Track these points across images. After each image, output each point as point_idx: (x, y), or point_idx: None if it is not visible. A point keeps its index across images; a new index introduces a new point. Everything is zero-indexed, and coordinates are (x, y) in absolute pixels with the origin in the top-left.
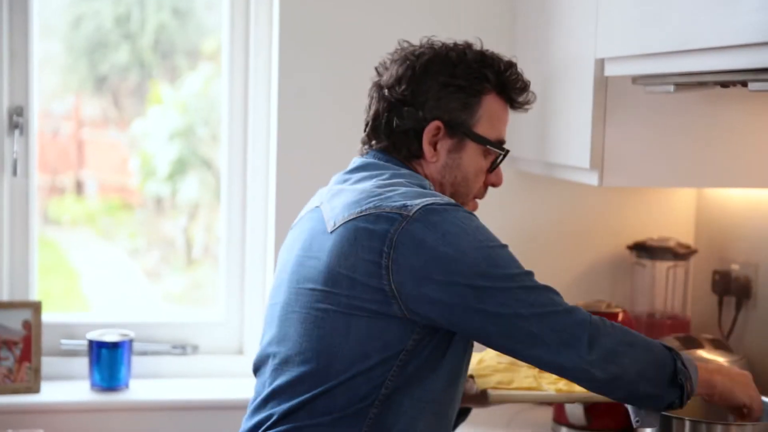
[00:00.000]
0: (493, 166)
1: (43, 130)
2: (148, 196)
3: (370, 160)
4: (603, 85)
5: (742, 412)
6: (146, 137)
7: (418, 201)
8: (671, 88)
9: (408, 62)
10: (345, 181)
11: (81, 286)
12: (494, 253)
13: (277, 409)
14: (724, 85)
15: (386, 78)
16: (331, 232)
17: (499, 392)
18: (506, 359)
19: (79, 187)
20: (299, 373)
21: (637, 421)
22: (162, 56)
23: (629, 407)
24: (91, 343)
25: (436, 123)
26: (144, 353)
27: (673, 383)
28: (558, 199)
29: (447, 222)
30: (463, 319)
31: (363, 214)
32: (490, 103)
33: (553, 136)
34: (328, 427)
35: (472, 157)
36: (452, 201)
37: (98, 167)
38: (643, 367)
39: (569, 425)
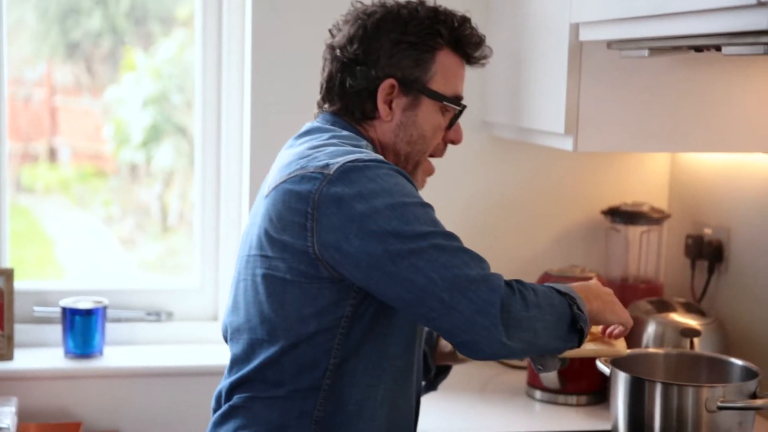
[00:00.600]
0: (452, 123)
1: (15, 96)
2: (122, 163)
3: (317, 124)
4: (578, 50)
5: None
6: (120, 104)
7: (340, 159)
8: (646, 52)
9: (359, 21)
10: (290, 146)
11: (55, 254)
12: (409, 210)
13: (233, 378)
14: (698, 49)
15: (338, 39)
16: (266, 197)
17: None
18: None
19: (52, 155)
20: (248, 341)
21: (540, 368)
22: (135, 22)
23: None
24: (65, 310)
25: (389, 81)
26: (118, 320)
27: (573, 329)
28: (532, 164)
29: (365, 179)
30: (380, 283)
31: (291, 176)
32: (445, 58)
33: (528, 102)
34: (284, 400)
35: (428, 114)
36: (378, 158)
37: (72, 134)
38: (551, 326)
39: (543, 388)
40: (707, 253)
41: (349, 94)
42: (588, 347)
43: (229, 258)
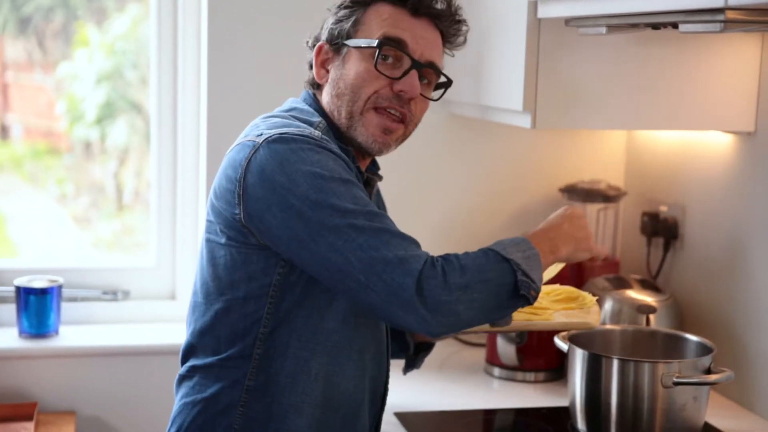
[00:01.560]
0: (376, 62)
1: None
2: (76, 140)
3: (295, 98)
4: (536, 27)
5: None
6: (73, 80)
7: (274, 130)
8: (603, 29)
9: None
10: None
11: (8, 233)
12: (329, 185)
13: (185, 342)
14: (656, 26)
15: None
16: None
17: None
18: None
19: (4, 132)
20: (192, 304)
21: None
22: None
23: None
24: (19, 289)
25: (319, 44)
26: (74, 299)
27: (516, 296)
28: (491, 141)
29: (289, 151)
30: (301, 257)
31: (236, 144)
32: (376, 10)
33: (487, 79)
34: (218, 369)
35: (353, 64)
36: (311, 133)
37: (24, 111)
38: (481, 303)
39: (501, 365)
40: (663, 230)
41: (308, 70)
42: (558, 320)
43: (186, 236)
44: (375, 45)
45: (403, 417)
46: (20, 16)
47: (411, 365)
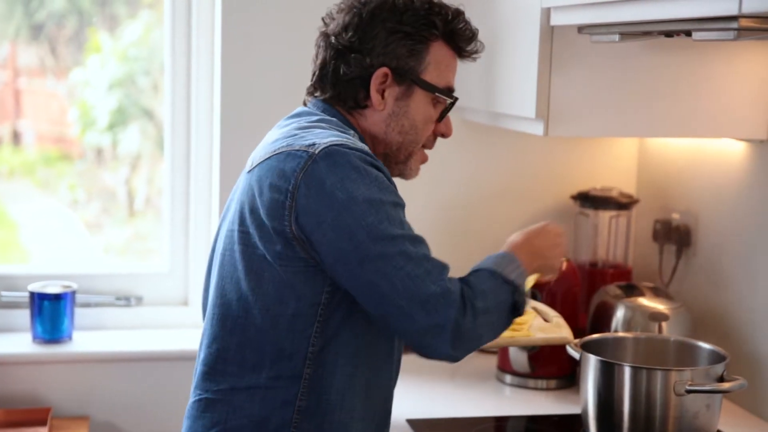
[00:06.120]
0: (442, 115)
1: None
2: (87, 146)
3: (308, 108)
4: (549, 34)
5: None
6: (85, 87)
7: (326, 140)
8: (616, 37)
9: (354, 10)
10: (280, 126)
11: (20, 238)
12: (384, 209)
13: (209, 354)
14: (669, 34)
15: (333, 26)
16: (249, 172)
17: None
18: None
19: (16, 138)
20: (220, 317)
21: None
22: (100, 4)
23: None
24: (33, 294)
25: (383, 69)
26: (87, 305)
27: (514, 314)
28: (504, 148)
29: (349, 165)
30: (344, 277)
31: (276, 152)
32: (438, 50)
33: (500, 86)
34: (264, 390)
35: (420, 105)
36: (363, 147)
37: (36, 117)
38: (496, 324)
39: (513, 372)
40: (675, 237)
41: (342, 82)
42: (538, 335)
43: (199, 242)
44: (451, 100)
45: (414, 424)
46: (33, 22)
47: None
